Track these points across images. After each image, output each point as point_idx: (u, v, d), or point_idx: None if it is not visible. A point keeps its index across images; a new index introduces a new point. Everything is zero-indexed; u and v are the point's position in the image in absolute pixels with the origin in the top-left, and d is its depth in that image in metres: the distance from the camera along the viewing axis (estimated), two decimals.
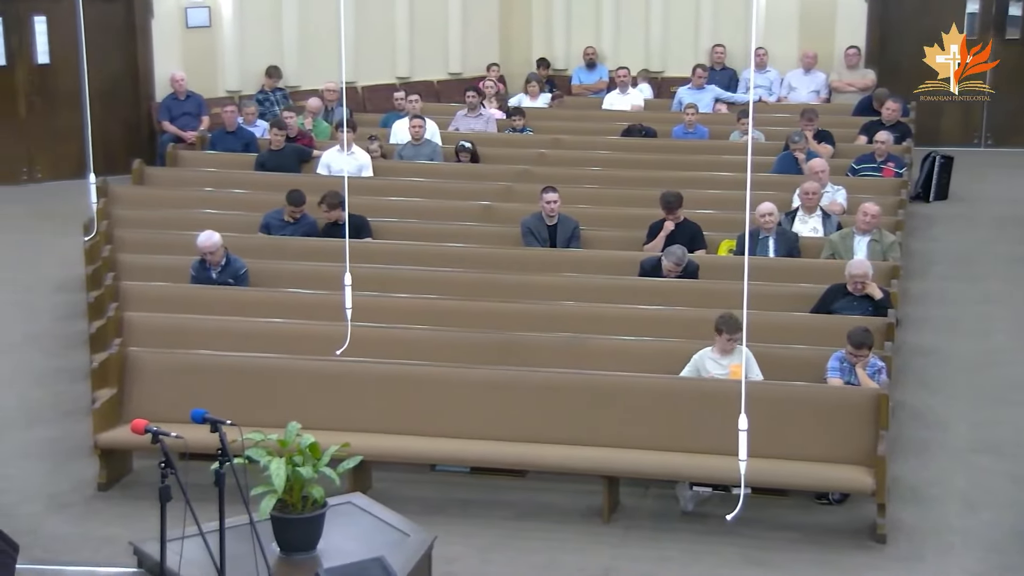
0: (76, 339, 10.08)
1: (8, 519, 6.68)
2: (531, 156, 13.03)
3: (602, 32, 17.35)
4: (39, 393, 9.33)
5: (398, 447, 7.78)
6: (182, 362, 8.22)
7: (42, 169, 15.19)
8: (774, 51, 16.11)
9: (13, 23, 14.80)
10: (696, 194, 11.22)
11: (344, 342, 7.26)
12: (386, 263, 10.04)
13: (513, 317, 9.08)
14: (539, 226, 10.53)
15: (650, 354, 8.44)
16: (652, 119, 14.36)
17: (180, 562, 5.62)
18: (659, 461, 7.60)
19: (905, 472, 8.12)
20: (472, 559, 7.11)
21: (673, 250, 9.66)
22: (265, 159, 12.77)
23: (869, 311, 8.95)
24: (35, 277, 11.82)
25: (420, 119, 13.11)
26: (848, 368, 8.01)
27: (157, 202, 11.88)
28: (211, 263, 9.69)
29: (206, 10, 15.56)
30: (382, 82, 16.49)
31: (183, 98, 14.66)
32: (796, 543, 7.37)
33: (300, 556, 5.99)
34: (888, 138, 12.63)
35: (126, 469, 8.08)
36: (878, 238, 10.18)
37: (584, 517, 7.62)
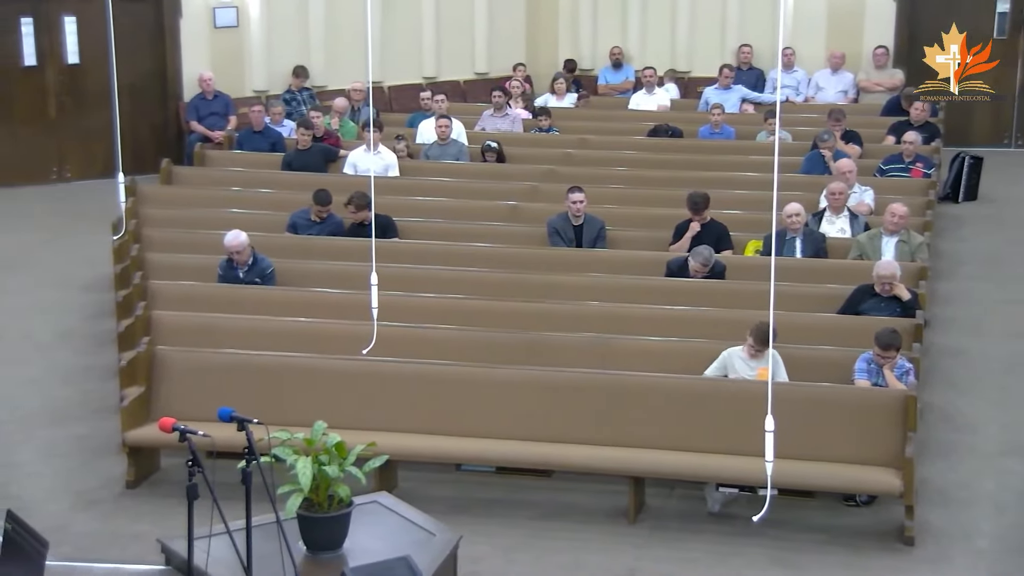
0: (105, 337, 10.14)
1: (38, 516, 6.72)
2: (557, 156, 13.02)
3: (628, 32, 17.32)
4: (68, 391, 9.39)
5: (424, 446, 7.79)
6: (209, 361, 8.26)
7: (72, 168, 15.30)
8: (802, 51, 16.05)
9: (43, 24, 14.92)
10: (723, 194, 11.19)
11: (370, 341, 7.28)
12: (412, 263, 10.05)
13: (539, 317, 9.08)
14: (565, 226, 10.53)
15: (676, 354, 8.42)
16: (678, 119, 14.33)
17: (207, 560, 5.65)
18: (685, 462, 7.58)
19: (933, 474, 8.07)
20: (497, 559, 7.11)
21: (700, 250, 9.64)
22: (292, 159, 12.81)
23: (897, 312, 8.90)
24: (65, 276, 11.91)
25: (446, 119, 13.13)
26: (875, 370, 7.97)
27: (185, 201, 11.94)
28: (238, 262, 9.73)
29: (234, 10, 15.64)
30: (409, 82, 16.52)
31: (211, 98, 14.74)
32: (823, 545, 7.33)
33: (326, 555, 6.01)
34: (916, 138, 12.56)
35: (154, 467, 8.12)
36: (906, 239, 10.12)
37: (609, 517, 7.61)
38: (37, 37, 14.88)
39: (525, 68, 16.65)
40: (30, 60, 14.90)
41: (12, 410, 9.01)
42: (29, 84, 14.97)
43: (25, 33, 14.80)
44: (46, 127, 15.14)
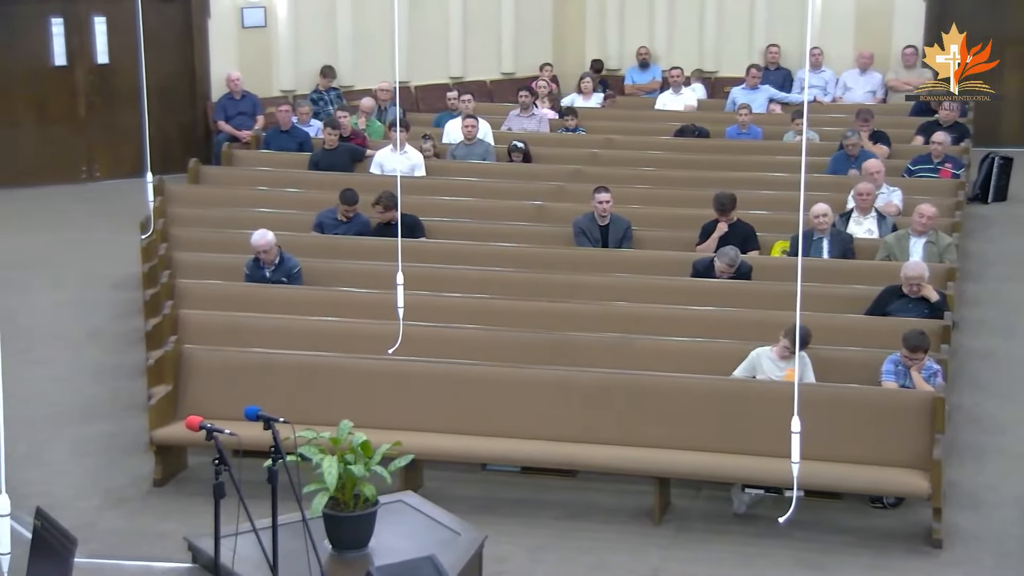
0: (133, 336, 10.21)
1: (66, 513, 6.76)
2: (583, 156, 13.01)
3: (655, 32, 17.29)
4: (97, 389, 9.46)
5: (449, 446, 7.80)
6: (236, 360, 8.29)
7: (101, 168, 15.41)
8: (830, 51, 15.97)
9: (74, 24, 15.03)
10: (749, 195, 11.16)
11: (396, 341, 7.30)
12: (438, 262, 10.07)
13: (565, 317, 9.08)
14: (591, 226, 10.52)
15: (702, 355, 8.40)
16: (705, 119, 14.29)
17: (234, 558, 5.67)
18: (710, 462, 7.57)
19: (961, 476, 8.02)
20: (522, 558, 7.11)
21: (726, 251, 9.61)
22: (319, 158, 12.86)
23: (925, 313, 8.85)
24: (94, 275, 12.00)
25: (473, 119, 13.15)
26: (903, 371, 7.92)
27: (212, 201, 12.00)
28: (265, 262, 9.77)
29: (262, 10, 15.71)
30: (435, 82, 16.55)
31: (238, 98, 14.80)
32: (850, 546, 7.30)
33: (352, 554, 6.03)
34: (945, 139, 12.49)
35: (181, 465, 8.17)
36: (934, 240, 10.06)
37: (634, 518, 7.60)
38: (68, 37, 15.00)
39: (552, 68, 16.64)
40: (60, 60, 15.02)
41: (43, 408, 9.08)
42: (59, 84, 15.09)
43: (56, 33, 14.93)
44: (76, 127, 15.25)
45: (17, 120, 14.74)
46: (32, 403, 9.08)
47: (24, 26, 14.76)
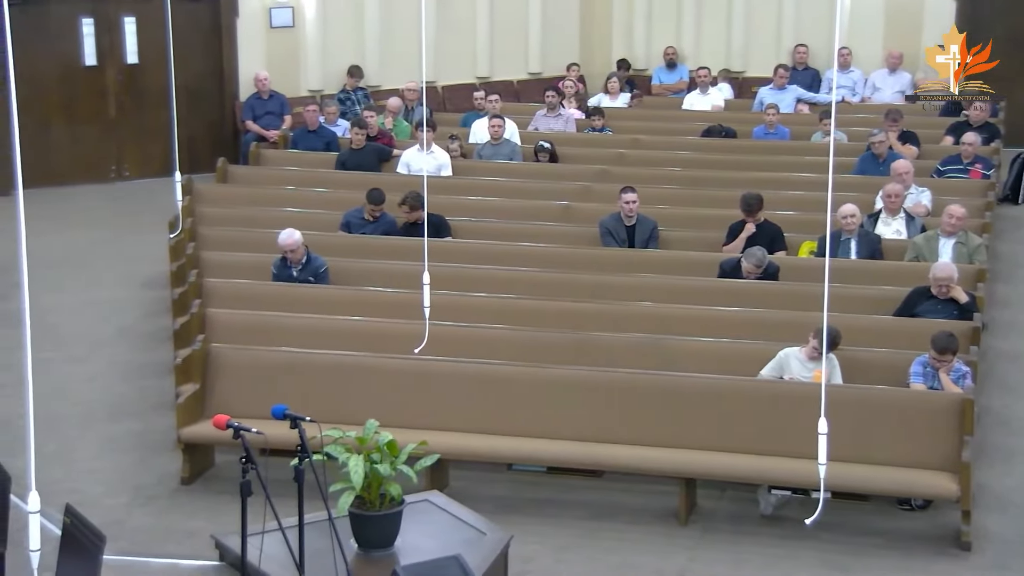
0: (162, 335, 10.27)
1: (95, 510, 6.81)
2: (610, 156, 13.00)
3: (683, 32, 17.25)
4: (126, 387, 9.52)
5: (475, 446, 7.80)
6: (263, 359, 8.33)
7: (130, 167, 15.52)
8: (858, 51, 15.88)
9: (104, 24, 15.15)
10: (777, 195, 11.12)
11: (422, 341, 7.31)
12: (465, 262, 10.08)
13: (591, 317, 9.07)
14: (617, 226, 10.51)
15: (728, 356, 8.38)
16: (732, 119, 14.25)
17: (260, 557, 5.70)
18: (737, 463, 7.54)
19: (990, 479, 7.96)
20: (547, 558, 7.11)
21: (753, 251, 9.58)
22: (346, 158, 12.90)
23: (954, 315, 8.79)
24: (123, 273, 12.08)
25: (500, 119, 13.15)
26: (931, 373, 7.87)
27: (240, 200, 12.06)
28: (292, 261, 9.81)
29: (289, 10, 15.77)
30: (462, 82, 16.57)
31: (266, 97, 14.86)
32: (878, 549, 7.26)
33: (378, 553, 6.05)
34: (975, 139, 12.40)
35: (209, 463, 8.21)
36: (964, 240, 10.00)
37: (660, 518, 7.59)
38: (98, 37, 15.11)
39: (579, 68, 16.63)
40: (90, 60, 15.14)
41: (72, 405, 9.14)
42: (89, 84, 15.20)
43: (86, 34, 15.04)
44: (105, 126, 15.36)
45: (48, 120, 14.85)
46: (62, 401, 9.16)
47: (55, 27, 14.87)
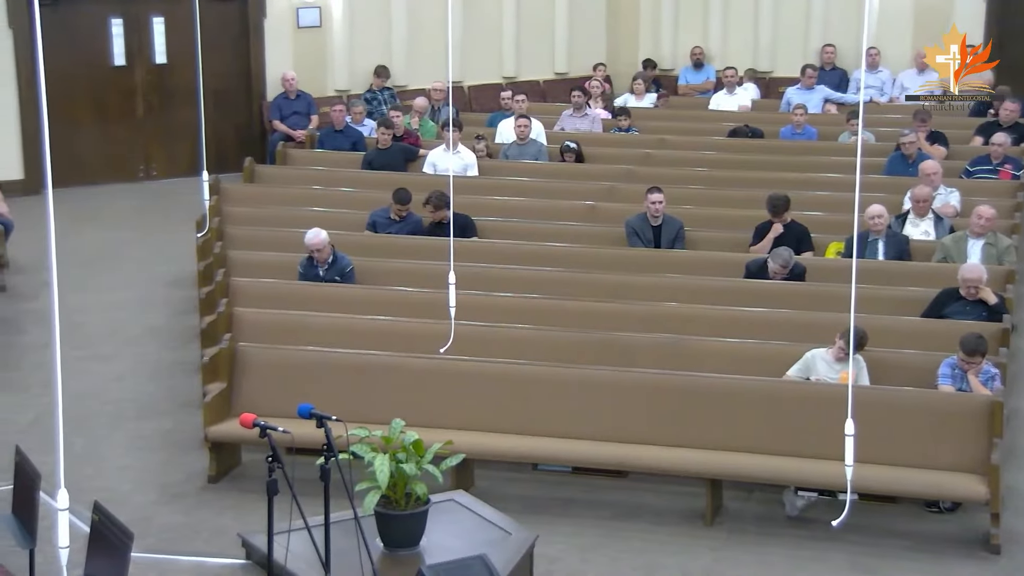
0: (189, 333, 10.32)
1: (123, 507, 6.86)
2: (636, 156, 12.98)
3: (709, 32, 17.21)
4: (154, 386, 9.57)
5: (500, 445, 7.81)
6: (290, 358, 8.35)
7: (158, 167, 15.62)
8: (887, 51, 15.80)
9: (133, 24, 15.25)
10: (804, 196, 11.08)
11: (448, 340, 7.32)
12: (490, 262, 10.08)
13: (616, 317, 9.06)
14: (643, 226, 10.49)
15: (754, 357, 8.35)
16: (759, 120, 14.21)
17: (287, 555, 5.72)
18: (763, 464, 7.52)
19: (1019, 481, 7.91)
20: (572, 558, 7.10)
21: (780, 252, 9.55)
22: (372, 158, 12.93)
23: (983, 316, 8.73)
24: (151, 272, 12.16)
25: (526, 118, 13.15)
26: (960, 375, 7.82)
27: (267, 200, 12.10)
28: (318, 260, 9.84)
29: (317, 10, 15.83)
30: (489, 82, 16.59)
31: (293, 97, 14.92)
32: (905, 551, 7.22)
33: (403, 552, 6.06)
34: (1005, 140, 12.31)
35: (235, 462, 8.24)
36: (993, 241, 9.93)
37: (685, 519, 7.57)
38: (127, 37, 15.22)
39: (605, 68, 16.62)
40: (119, 60, 15.25)
41: (101, 404, 9.20)
42: (118, 84, 15.30)
43: (115, 34, 15.15)
44: (134, 126, 15.47)
45: (77, 119, 14.95)
46: (90, 399, 9.22)
47: (84, 27, 14.98)
